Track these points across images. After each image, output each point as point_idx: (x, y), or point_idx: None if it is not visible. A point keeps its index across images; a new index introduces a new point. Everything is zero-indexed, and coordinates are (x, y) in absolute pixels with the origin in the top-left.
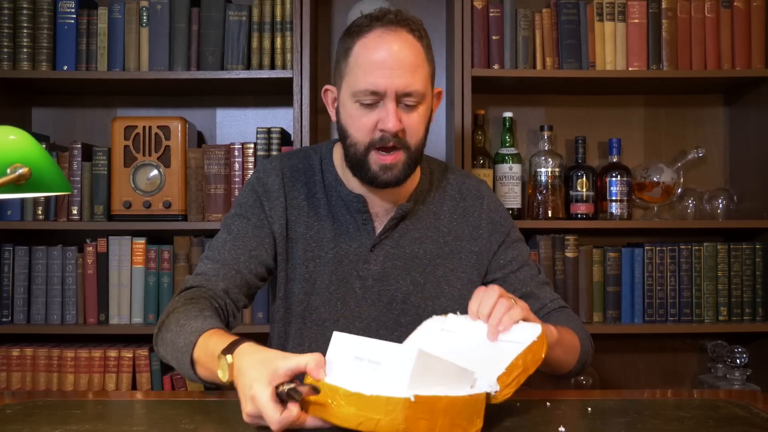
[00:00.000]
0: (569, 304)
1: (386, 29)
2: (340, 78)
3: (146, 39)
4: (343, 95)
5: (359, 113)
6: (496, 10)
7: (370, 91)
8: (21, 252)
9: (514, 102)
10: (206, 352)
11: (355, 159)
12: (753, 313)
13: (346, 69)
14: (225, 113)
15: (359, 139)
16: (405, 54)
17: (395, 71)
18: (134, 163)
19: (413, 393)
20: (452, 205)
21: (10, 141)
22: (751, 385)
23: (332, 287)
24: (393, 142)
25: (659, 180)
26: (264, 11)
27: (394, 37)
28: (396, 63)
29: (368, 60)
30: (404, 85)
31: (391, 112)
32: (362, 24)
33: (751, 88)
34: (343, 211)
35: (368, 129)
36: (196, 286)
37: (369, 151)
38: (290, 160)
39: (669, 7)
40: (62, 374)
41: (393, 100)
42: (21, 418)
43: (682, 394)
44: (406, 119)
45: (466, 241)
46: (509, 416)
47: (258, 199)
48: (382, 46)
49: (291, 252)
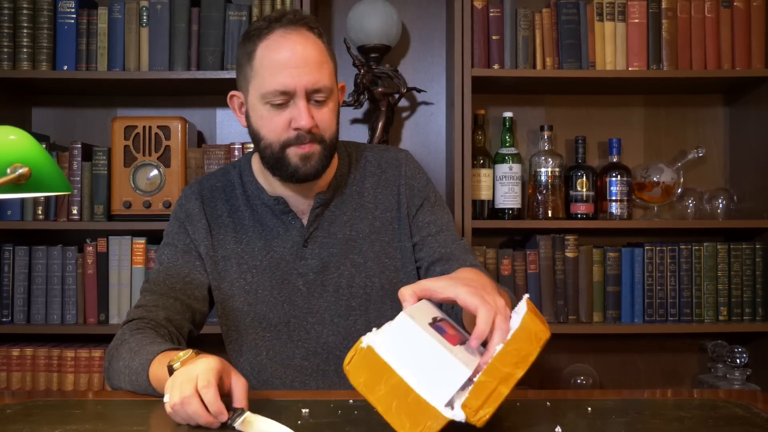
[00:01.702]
0: (569, 304)
1: (287, 29)
2: (245, 82)
3: (146, 39)
4: (252, 99)
5: (270, 114)
6: (496, 10)
7: (280, 91)
8: (21, 252)
9: (514, 102)
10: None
11: (273, 159)
12: (753, 313)
13: (251, 72)
14: (225, 113)
15: (273, 140)
16: (309, 52)
17: (302, 69)
18: (134, 163)
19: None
20: (374, 181)
21: (10, 141)
22: (751, 385)
23: (275, 291)
24: (308, 138)
25: (659, 180)
26: (264, 11)
27: (296, 36)
28: (302, 61)
29: (274, 61)
30: (312, 82)
31: (303, 109)
32: (261, 26)
33: (751, 88)
34: (270, 216)
35: (281, 128)
36: (138, 318)
37: (285, 148)
38: (208, 181)
39: (669, 7)
40: (62, 374)
41: (303, 98)
42: (21, 418)
43: (682, 394)
44: (318, 115)
45: (394, 211)
46: (509, 416)
47: (182, 225)
48: (285, 46)
49: (225, 270)
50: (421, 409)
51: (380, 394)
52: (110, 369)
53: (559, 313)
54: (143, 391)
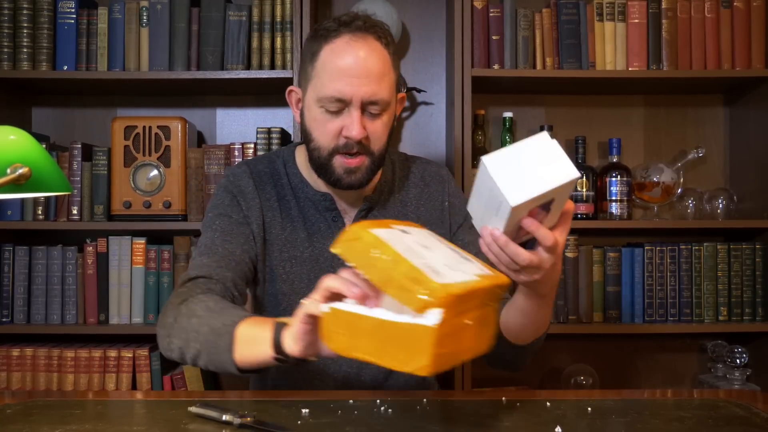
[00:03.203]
0: (569, 304)
1: (354, 35)
2: (305, 80)
3: (146, 39)
4: (308, 98)
5: (324, 118)
6: (496, 10)
7: (336, 98)
8: (21, 252)
9: (514, 102)
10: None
11: (319, 162)
12: (753, 313)
13: (312, 72)
14: (225, 113)
15: (323, 144)
16: (372, 62)
17: (362, 80)
18: (134, 163)
19: (331, 306)
20: (417, 192)
21: (10, 141)
22: (751, 385)
23: (312, 285)
24: (357, 148)
25: (659, 180)
26: (264, 11)
27: (362, 44)
28: (363, 71)
29: (335, 66)
30: (370, 94)
31: (356, 120)
32: (330, 28)
33: (751, 88)
34: (313, 211)
35: (332, 134)
36: (204, 276)
37: (333, 155)
38: (255, 165)
39: (669, 7)
40: (62, 374)
41: (358, 108)
42: (21, 418)
43: (682, 394)
44: (370, 126)
45: (434, 226)
46: (509, 416)
47: (234, 198)
48: (349, 53)
49: (268, 254)
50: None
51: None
52: (174, 326)
53: (559, 313)
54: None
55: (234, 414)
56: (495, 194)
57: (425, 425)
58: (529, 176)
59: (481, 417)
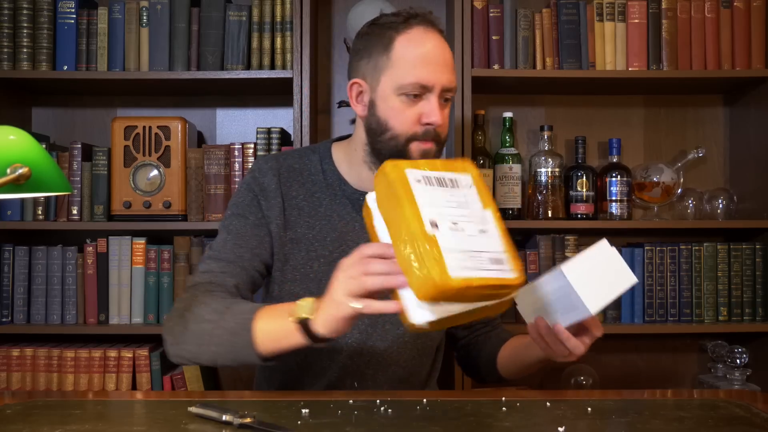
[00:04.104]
0: None
1: (428, 27)
2: (377, 71)
3: (146, 39)
4: (384, 88)
5: (403, 106)
6: (496, 10)
7: (420, 84)
8: (21, 252)
9: (514, 102)
10: (271, 316)
11: (395, 150)
12: (753, 313)
13: (387, 63)
14: (225, 113)
15: (401, 131)
16: (447, 52)
17: (443, 67)
18: (134, 163)
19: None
20: None
21: (10, 141)
22: (751, 385)
23: None
24: (432, 134)
25: (659, 180)
26: (264, 11)
27: (435, 35)
28: (442, 59)
29: (417, 54)
30: (449, 81)
31: (435, 106)
32: (396, 21)
33: (751, 88)
34: (349, 209)
35: (411, 121)
36: (206, 282)
37: (410, 142)
38: (286, 160)
39: (669, 7)
40: (62, 374)
41: (437, 95)
42: (21, 418)
43: (682, 394)
44: (442, 114)
45: None
46: (509, 416)
47: (255, 197)
48: (429, 42)
49: (291, 253)
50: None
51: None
52: (185, 333)
53: None
54: (234, 353)
55: (234, 414)
56: (573, 300)
57: (425, 425)
58: (602, 285)
59: (481, 417)
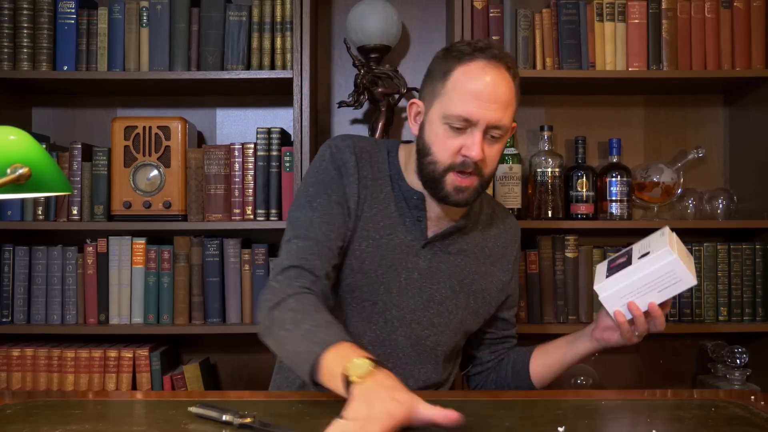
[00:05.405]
0: (569, 304)
1: (489, 62)
2: (432, 96)
3: (146, 39)
4: (433, 114)
5: (446, 135)
6: (496, 10)
7: (464, 117)
8: (21, 252)
9: None
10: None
11: (432, 176)
12: (753, 313)
13: (441, 90)
14: (225, 113)
15: (440, 159)
16: (502, 90)
17: (491, 105)
18: (134, 163)
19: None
20: (497, 233)
21: (10, 141)
22: (751, 385)
23: (380, 270)
24: (472, 168)
25: (659, 180)
26: (264, 11)
27: (495, 71)
28: (493, 97)
29: (468, 88)
30: (495, 119)
31: (477, 141)
32: (465, 51)
33: (751, 88)
34: (402, 204)
35: (451, 152)
36: (297, 266)
37: (447, 172)
38: (359, 141)
39: (669, 7)
40: (62, 374)
41: (481, 131)
42: (21, 418)
43: (682, 394)
44: (488, 150)
45: (500, 271)
46: (509, 416)
47: (338, 172)
48: (483, 78)
49: (356, 230)
50: None
51: None
52: (270, 331)
53: (559, 313)
54: (295, 367)
55: (234, 414)
56: (677, 274)
57: (425, 425)
58: (685, 260)
59: (481, 417)
